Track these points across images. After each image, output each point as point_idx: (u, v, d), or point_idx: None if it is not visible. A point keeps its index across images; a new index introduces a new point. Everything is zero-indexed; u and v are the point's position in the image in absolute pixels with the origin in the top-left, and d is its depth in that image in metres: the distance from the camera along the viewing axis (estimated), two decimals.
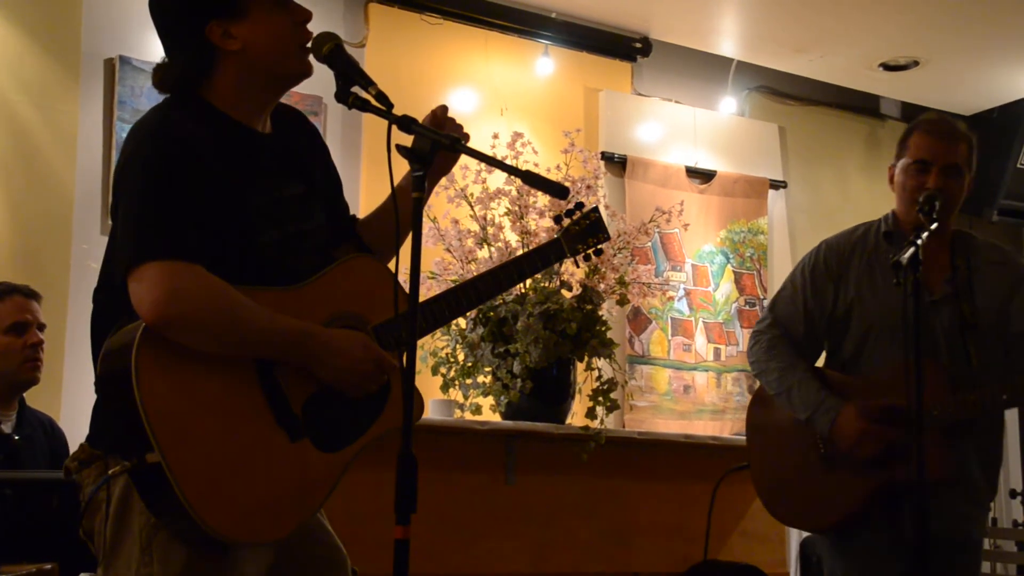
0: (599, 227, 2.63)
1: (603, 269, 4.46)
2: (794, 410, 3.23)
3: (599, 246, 2.65)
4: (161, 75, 2.23)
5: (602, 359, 4.47)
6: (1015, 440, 6.94)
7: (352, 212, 2.55)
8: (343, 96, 2.20)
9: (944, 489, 3.05)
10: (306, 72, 2.28)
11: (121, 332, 2.06)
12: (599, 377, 4.44)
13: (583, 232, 2.62)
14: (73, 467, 2.20)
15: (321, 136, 2.50)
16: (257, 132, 2.26)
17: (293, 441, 2.14)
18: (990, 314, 3.16)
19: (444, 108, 2.35)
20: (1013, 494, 6.20)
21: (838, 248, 3.33)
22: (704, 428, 6.09)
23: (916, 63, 6.61)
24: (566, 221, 2.63)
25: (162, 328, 2.01)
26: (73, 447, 3.71)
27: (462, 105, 5.80)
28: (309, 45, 2.23)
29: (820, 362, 3.41)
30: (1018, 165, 6.85)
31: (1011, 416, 6.25)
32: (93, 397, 2.22)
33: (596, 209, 2.66)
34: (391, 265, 2.37)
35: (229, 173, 2.14)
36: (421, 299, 2.19)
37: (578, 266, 2.98)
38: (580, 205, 2.61)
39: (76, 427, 3.76)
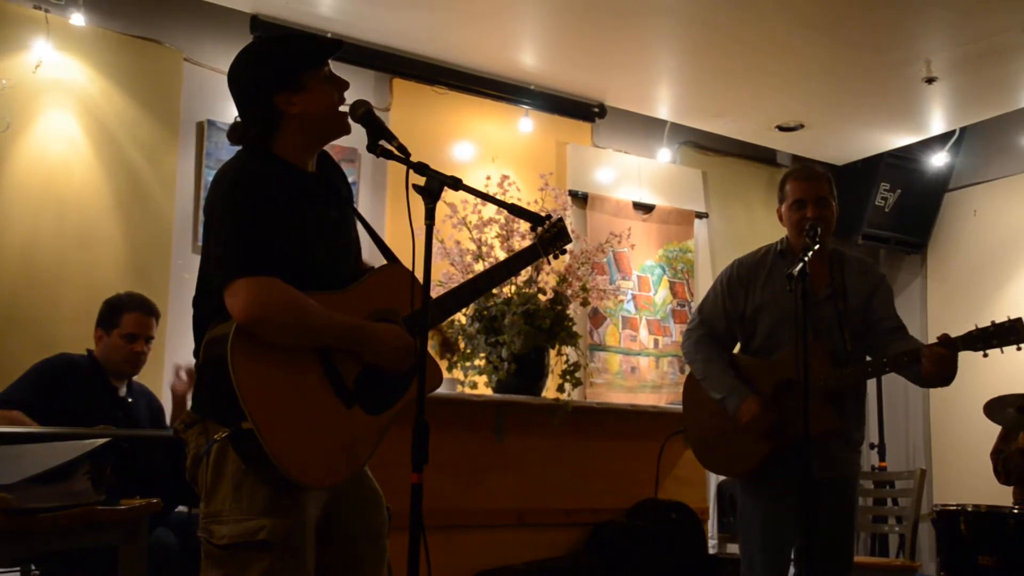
0: (564, 233, 2.60)
1: (570, 278, 4.46)
2: (711, 393, 3.27)
3: (564, 247, 2.61)
4: (237, 133, 2.22)
5: (569, 347, 4.46)
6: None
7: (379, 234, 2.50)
8: (373, 147, 2.19)
9: (830, 439, 3.09)
10: (346, 130, 2.26)
11: (217, 328, 2.05)
12: (567, 361, 4.43)
13: (553, 237, 2.58)
14: (180, 428, 2.18)
15: (339, 167, 2.44)
16: (308, 172, 2.25)
17: (348, 408, 2.12)
18: (858, 310, 3.19)
19: None
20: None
21: (747, 265, 3.36)
22: (646, 399, 6.08)
23: (802, 126, 6.65)
24: (540, 229, 2.58)
25: (250, 327, 1.99)
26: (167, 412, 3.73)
27: (462, 154, 5.80)
28: (347, 109, 2.22)
29: (737, 348, 3.41)
30: (875, 203, 6.93)
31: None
32: None
33: (561, 219, 2.63)
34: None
35: (291, 205, 2.13)
36: (433, 297, 2.19)
37: (550, 264, 2.93)
38: (549, 216, 2.59)
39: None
